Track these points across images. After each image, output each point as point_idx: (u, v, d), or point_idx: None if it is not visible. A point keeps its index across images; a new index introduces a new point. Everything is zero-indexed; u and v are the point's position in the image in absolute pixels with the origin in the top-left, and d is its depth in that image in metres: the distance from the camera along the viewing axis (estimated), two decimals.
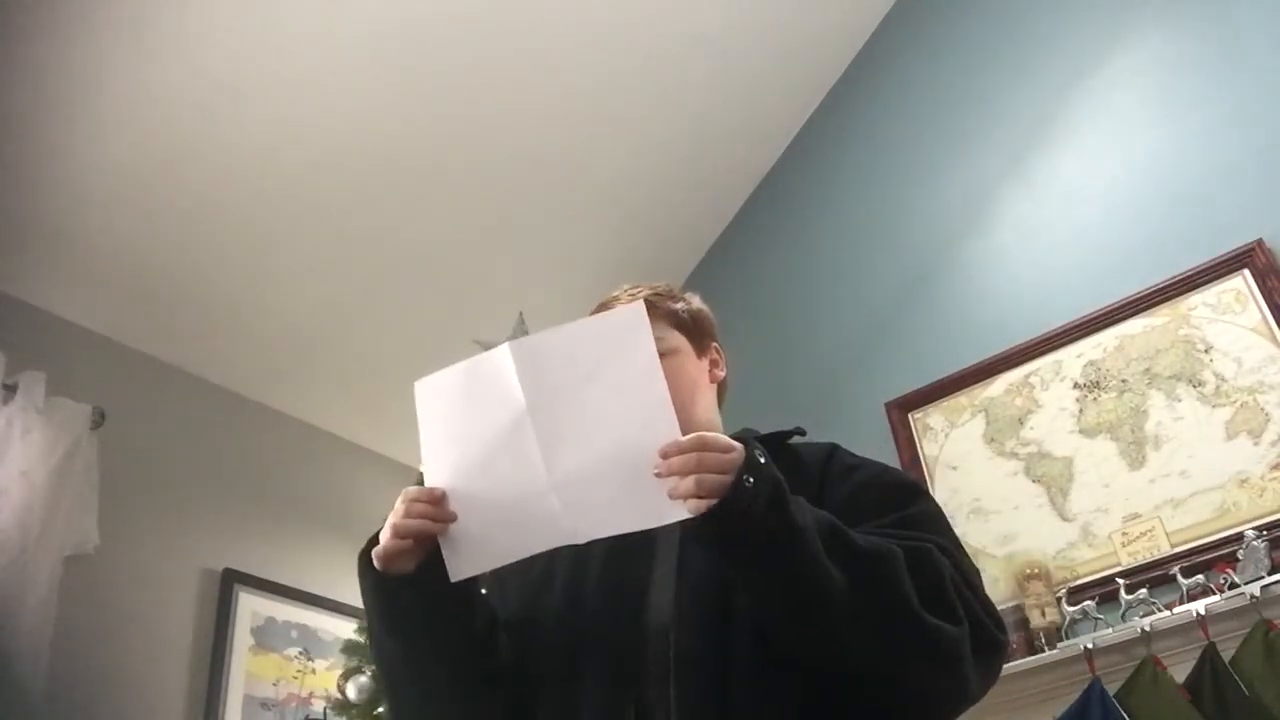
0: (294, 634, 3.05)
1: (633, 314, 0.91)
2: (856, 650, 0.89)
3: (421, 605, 0.97)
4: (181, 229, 2.81)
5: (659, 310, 1.20)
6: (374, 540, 0.98)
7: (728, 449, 0.86)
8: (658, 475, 0.85)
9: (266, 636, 2.97)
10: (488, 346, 2.51)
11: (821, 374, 3.20)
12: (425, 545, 0.95)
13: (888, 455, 2.78)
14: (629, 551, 1.03)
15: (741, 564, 0.89)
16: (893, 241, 3.24)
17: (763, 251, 3.57)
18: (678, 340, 1.21)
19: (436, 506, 0.94)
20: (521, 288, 3.18)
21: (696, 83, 3.24)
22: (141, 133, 2.59)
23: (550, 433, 0.90)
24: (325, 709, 2.68)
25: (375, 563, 0.96)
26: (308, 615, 3.10)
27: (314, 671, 3.03)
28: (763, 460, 0.87)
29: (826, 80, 3.53)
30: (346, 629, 2.77)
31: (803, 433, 1.18)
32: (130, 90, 2.51)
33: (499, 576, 0.99)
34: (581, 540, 0.92)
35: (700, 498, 0.84)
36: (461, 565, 0.95)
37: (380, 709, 2.35)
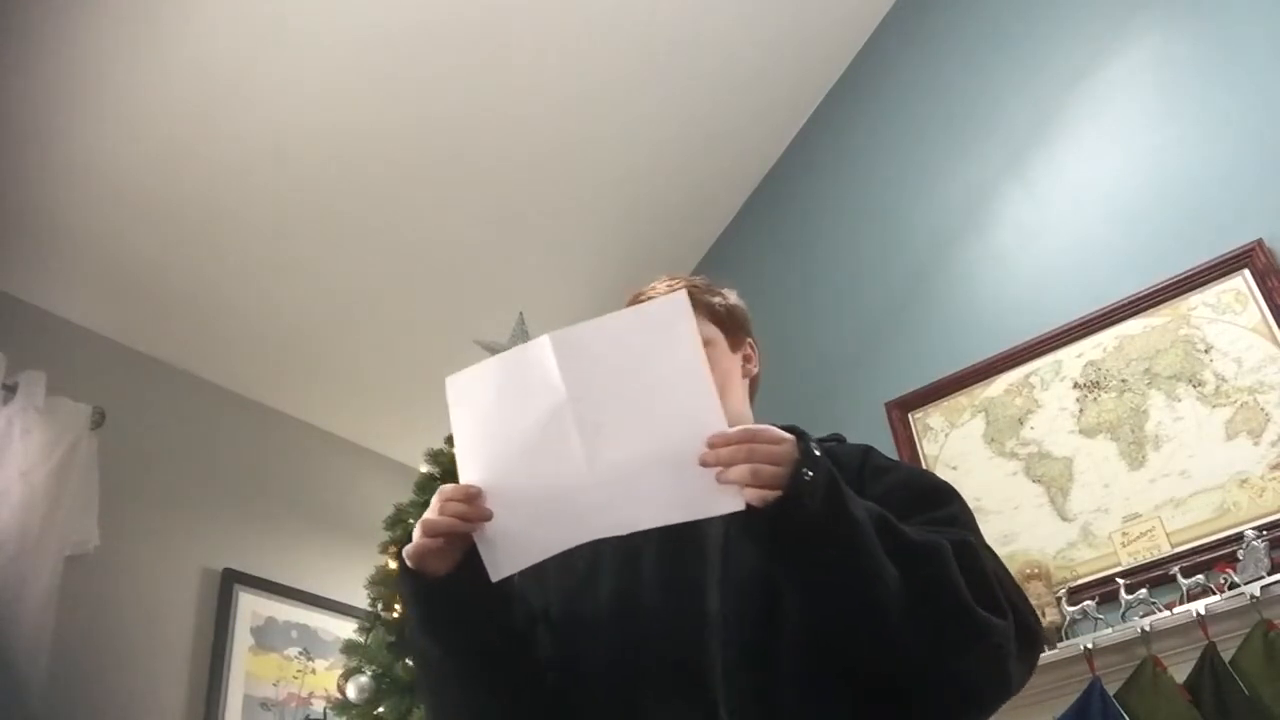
0: (294, 634, 3.05)
1: (675, 304, 0.89)
2: (909, 645, 0.87)
3: (461, 607, 0.95)
4: (181, 229, 2.81)
5: (696, 303, 1.18)
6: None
7: (778, 440, 0.85)
8: (704, 465, 0.84)
9: (266, 636, 2.97)
10: (488, 347, 2.50)
11: (821, 374, 3.19)
12: (461, 545, 0.93)
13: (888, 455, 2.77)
14: (683, 550, 1.02)
15: (795, 558, 0.87)
16: (893, 241, 3.24)
17: (763, 251, 3.57)
18: (712, 332, 1.20)
19: (471, 504, 0.91)
20: (521, 288, 3.18)
21: (696, 82, 3.24)
22: (142, 132, 2.59)
23: (593, 424, 0.88)
24: (325, 709, 2.67)
25: (407, 561, 0.94)
26: (308, 615, 3.10)
27: (314, 671, 3.02)
28: (817, 452, 0.86)
29: (826, 80, 3.53)
30: (346, 629, 2.76)
31: (842, 440, 1.17)
32: (130, 90, 2.51)
33: (539, 570, 0.97)
34: (625, 531, 0.91)
35: (756, 488, 0.83)
36: (501, 563, 0.92)
37: (380, 709, 2.35)
